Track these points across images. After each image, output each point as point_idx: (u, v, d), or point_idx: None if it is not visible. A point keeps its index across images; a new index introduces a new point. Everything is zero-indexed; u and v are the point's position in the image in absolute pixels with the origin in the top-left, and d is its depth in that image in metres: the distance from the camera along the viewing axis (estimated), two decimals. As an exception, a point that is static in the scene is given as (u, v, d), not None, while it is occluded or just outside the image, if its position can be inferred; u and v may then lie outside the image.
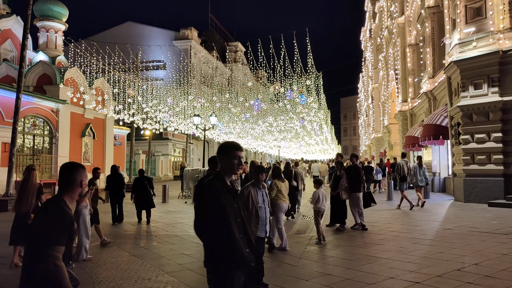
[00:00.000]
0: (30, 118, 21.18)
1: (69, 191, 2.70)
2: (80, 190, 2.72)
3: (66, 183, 2.70)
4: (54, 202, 2.62)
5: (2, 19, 25.46)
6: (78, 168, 2.76)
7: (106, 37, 43.82)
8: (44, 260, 2.37)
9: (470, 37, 14.51)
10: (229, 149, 3.00)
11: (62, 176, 2.73)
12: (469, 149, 14.79)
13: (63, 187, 2.71)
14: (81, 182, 2.71)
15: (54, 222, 2.49)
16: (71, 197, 2.70)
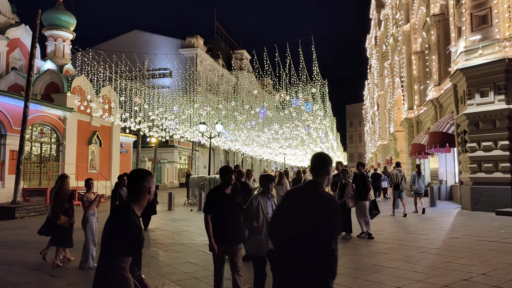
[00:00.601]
0: (37, 126, 21.37)
1: (138, 199, 2.70)
2: (149, 197, 2.72)
3: (134, 191, 2.70)
4: (124, 213, 2.63)
5: (11, 29, 25.82)
6: (146, 175, 2.75)
7: (113, 45, 44.27)
8: (112, 271, 2.43)
9: (476, 45, 14.50)
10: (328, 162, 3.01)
11: (131, 184, 2.72)
12: (476, 157, 14.71)
13: (131, 195, 2.71)
14: (149, 189, 2.71)
15: (122, 234, 2.51)
16: (140, 205, 2.71)
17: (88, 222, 7.55)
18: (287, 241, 2.77)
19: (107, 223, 2.62)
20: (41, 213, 16.70)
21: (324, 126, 31.61)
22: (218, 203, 5.05)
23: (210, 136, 23.85)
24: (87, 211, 7.61)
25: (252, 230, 5.15)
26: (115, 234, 2.53)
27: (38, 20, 17.86)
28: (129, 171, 3.34)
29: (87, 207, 7.61)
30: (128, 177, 2.78)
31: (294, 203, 2.89)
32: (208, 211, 5.05)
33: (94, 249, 7.51)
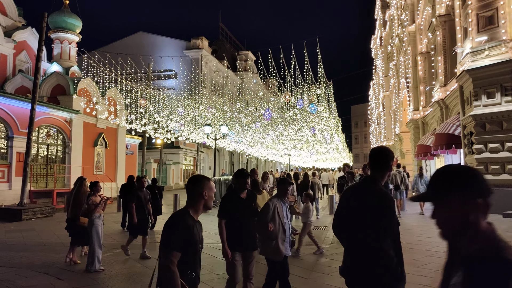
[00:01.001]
0: (44, 128, 21.51)
1: (193, 203, 2.90)
2: (204, 201, 2.89)
3: (190, 195, 2.91)
4: (178, 213, 2.89)
5: (18, 31, 25.98)
6: (201, 180, 2.93)
7: (119, 47, 44.48)
8: (163, 263, 2.71)
9: (482, 46, 14.42)
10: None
11: (188, 189, 2.94)
12: (483, 159, 14.62)
13: (188, 199, 2.93)
14: (202, 193, 2.87)
15: (172, 230, 2.77)
16: (195, 208, 2.90)
17: (94, 225, 7.57)
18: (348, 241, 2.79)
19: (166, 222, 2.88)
20: (48, 215, 16.81)
21: (329, 127, 31.54)
22: (233, 208, 4.89)
23: (215, 137, 23.88)
24: (93, 214, 7.64)
25: (267, 235, 4.98)
26: (167, 230, 2.79)
27: (44, 23, 17.98)
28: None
29: (92, 210, 7.64)
30: (187, 182, 3.02)
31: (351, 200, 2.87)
32: (222, 216, 4.90)
33: (100, 252, 7.54)
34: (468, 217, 1.47)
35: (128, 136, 29.03)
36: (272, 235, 4.96)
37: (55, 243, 10.61)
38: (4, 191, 18.60)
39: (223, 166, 50.51)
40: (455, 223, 1.49)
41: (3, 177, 18.84)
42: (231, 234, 4.81)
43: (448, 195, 1.50)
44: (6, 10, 26.63)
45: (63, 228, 13.23)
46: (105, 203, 8.05)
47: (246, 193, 5.05)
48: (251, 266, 5.01)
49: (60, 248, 9.94)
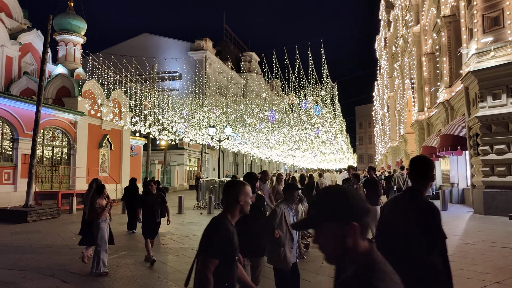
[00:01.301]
0: (49, 130, 21.60)
1: (229, 208, 2.86)
2: (240, 207, 2.84)
3: (227, 200, 2.87)
4: (219, 219, 2.83)
5: (23, 33, 26.14)
6: (237, 185, 2.88)
7: (123, 49, 44.66)
8: (200, 269, 2.67)
9: (488, 46, 14.34)
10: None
11: (224, 194, 2.91)
12: (489, 160, 14.53)
13: (225, 204, 2.90)
14: (239, 199, 2.82)
15: (213, 235, 2.72)
16: (232, 214, 2.85)
17: (100, 229, 7.56)
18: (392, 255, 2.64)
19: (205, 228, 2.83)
20: (53, 216, 16.86)
21: (333, 128, 31.47)
22: None
23: (220, 139, 23.90)
24: (99, 217, 7.63)
25: (275, 242, 4.79)
26: (206, 237, 2.74)
27: (49, 25, 18.06)
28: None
29: (99, 214, 7.63)
30: (224, 187, 2.96)
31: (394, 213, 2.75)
32: None
33: (105, 255, 7.54)
34: (345, 241, 1.48)
35: (132, 138, 29.11)
36: (280, 242, 4.78)
37: (61, 245, 10.64)
38: (10, 193, 18.69)
39: (227, 167, 50.53)
40: (335, 247, 1.52)
41: (8, 179, 18.93)
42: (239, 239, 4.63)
43: (323, 222, 1.52)
44: (12, 12, 26.80)
45: (69, 230, 13.32)
46: (111, 206, 8.05)
47: (254, 196, 4.79)
48: (257, 272, 4.88)
49: (65, 250, 9.97)
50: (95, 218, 7.66)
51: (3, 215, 16.13)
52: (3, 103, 18.53)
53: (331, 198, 1.56)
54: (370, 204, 6.03)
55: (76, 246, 10.40)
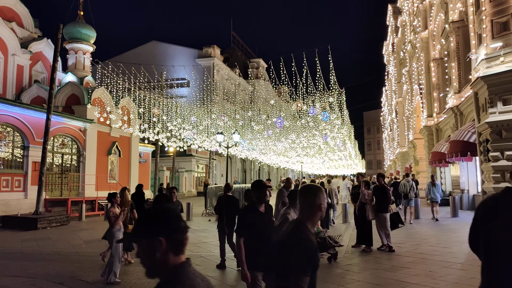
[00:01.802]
0: (59, 137, 21.81)
1: (310, 216, 2.60)
2: (320, 214, 2.62)
3: (307, 207, 2.61)
4: (300, 231, 2.54)
5: (34, 43, 26.51)
6: (318, 191, 2.65)
7: (132, 56, 45.06)
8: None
9: (497, 52, 14.23)
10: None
11: (303, 200, 2.64)
12: (499, 167, 14.35)
13: (304, 212, 2.63)
14: (319, 205, 2.60)
15: (300, 252, 2.43)
16: (313, 222, 2.63)
17: (115, 238, 7.53)
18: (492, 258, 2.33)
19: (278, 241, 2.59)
20: (63, 223, 16.98)
21: (342, 134, 31.35)
22: (254, 224, 4.42)
23: (228, 145, 23.94)
24: (114, 226, 7.60)
25: None
26: (291, 253, 2.44)
27: (59, 35, 18.32)
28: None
29: (114, 222, 7.60)
30: (300, 193, 2.68)
31: (492, 214, 2.41)
32: (242, 233, 4.40)
33: (118, 266, 7.48)
34: (156, 256, 1.64)
35: (141, 145, 29.27)
36: None
37: (70, 253, 10.70)
38: (20, 200, 18.87)
39: (235, 173, 50.56)
40: (150, 261, 1.66)
41: (19, 186, 19.13)
42: (252, 252, 4.30)
43: (140, 237, 1.69)
44: (23, 22, 27.23)
45: (78, 237, 13.40)
46: (124, 215, 8.02)
47: (264, 206, 4.66)
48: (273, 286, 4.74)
49: (75, 257, 10.02)
50: (109, 226, 7.65)
51: (13, 222, 16.28)
52: (14, 112, 18.77)
53: (147, 215, 1.76)
54: (379, 211, 5.90)
55: (86, 254, 10.47)
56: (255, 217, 4.47)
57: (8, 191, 18.50)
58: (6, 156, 18.77)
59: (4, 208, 17.66)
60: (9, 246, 12.01)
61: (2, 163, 18.53)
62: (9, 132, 18.95)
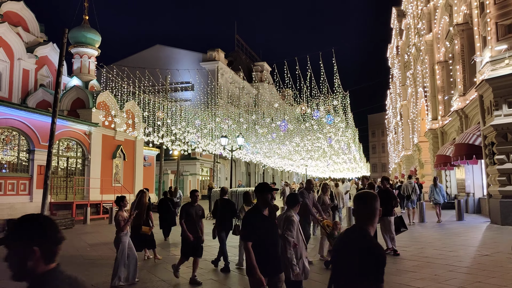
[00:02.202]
0: (64, 141, 21.92)
1: (371, 221, 2.63)
2: (377, 218, 2.66)
3: (368, 212, 2.63)
4: (369, 239, 2.54)
5: (40, 47, 26.69)
6: (375, 197, 2.70)
7: (137, 60, 45.30)
8: None
9: (502, 54, 14.17)
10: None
11: (362, 206, 2.66)
12: (505, 170, 14.26)
13: (363, 217, 2.64)
14: (378, 210, 2.64)
15: (374, 260, 2.42)
16: (373, 226, 2.66)
17: (121, 242, 7.46)
18: None
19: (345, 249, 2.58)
20: (67, 227, 17.03)
21: (346, 137, 31.30)
22: (259, 228, 4.30)
23: (232, 149, 23.95)
24: (122, 230, 7.52)
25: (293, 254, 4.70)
26: (365, 261, 2.41)
27: (65, 39, 18.40)
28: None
29: (123, 227, 7.51)
30: (359, 199, 2.71)
31: None
32: (249, 237, 4.23)
33: (123, 270, 7.44)
34: (26, 263, 1.71)
35: (145, 148, 29.37)
36: (298, 253, 4.70)
37: (75, 256, 10.72)
38: (26, 204, 18.96)
39: (239, 176, 50.54)
40: (19, 267, 1.73)
41: (24, 190, 19.23)
42: (258, 257, 4.19)
43: (10, 243, 1.75)
44: (29, 26, 27.44)
45: (83, 240, 13.43)
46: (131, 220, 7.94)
47: (268, 210, 4.59)
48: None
49: (79, 261, 10.04)
50: (117, 230, 7.58)
51: (19, 225, 16.34)
52: (19, 115, 18.90)
53: (22, 222, 1.79)
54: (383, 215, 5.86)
55: (90, 257, 10.49)
56: (260, 221, 4.37)
57: (14, 195, 18.60)
58: (11, 159, 18.89)
59: (9, 212, 17.75)
60: (15, 249, 12.06)
61: (8, 167, 18.64)
62: (15, 136, 19.07)
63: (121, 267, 7.39)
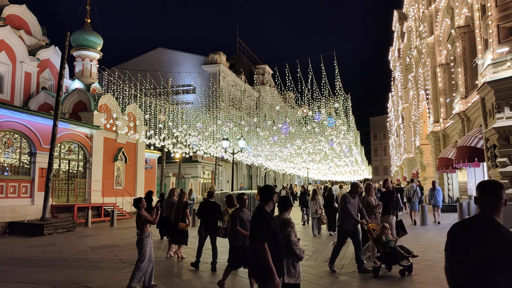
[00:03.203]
0: (65, 143, 21.95)
1: (498, 211, 2.61)
2: (502, 208, 2.63)
3: (492, 202, 2.62)
4: (500, 226, 2.50)
5: (42, 50, 26.78)
6: (502, 186, 2.68)
7: (139, 63, 45.42)
8: None
9: (504, 57, 14.13)
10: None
11: (490, 196, 2.64)
12: (507, 172, 14.20)
13: (490, 207, 2.61)
14: (505, 200, 2.62)
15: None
16: (499, 216, 2.63)
17: (144, 245, 7.26)
18: None
19: (468, 242, 2.53)
20: (69, 229, 17.03)
21: (347, 140, 31.27)
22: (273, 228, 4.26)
23: (233, 151, 23.95)
24: (144, 231, 7.34)
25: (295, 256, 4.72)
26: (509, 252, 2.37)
27: (67, 42, 18.50)
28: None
29: (144, 228, 7.33)
30: (487, 188, 2.70)
31: None
32: (266, 238, 4.08)
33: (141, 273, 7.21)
34: None
35: (147, 151, 29.38)
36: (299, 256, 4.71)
37: (76, 259, 10.71)
38: (27, 206, 18.97)
39: (241, 179, 50.52)
40: None
41: (26, 192, 19.23)
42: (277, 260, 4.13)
43: None
44: (31, 29, 27.56)
45: (84, 243, 13.43)
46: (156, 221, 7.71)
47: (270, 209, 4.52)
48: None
49: (80, 264, 10.03)
50: (139, 231, 7.39)
51: (20, 228, 16.38)
52: (21, 118, 18.94)
53: None
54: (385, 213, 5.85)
55: (91, 260, 10.48)
56: (271, 221, 4.32)
57: (15, 197, 18.61)
58: (13, 162, 18.91)
59: (11, 214, 17.76)
60: (15, 252, 12.07)
61: (10, 170, 18.66)
62: (17, 139, 19.10)
63: (141, 270, 7.17)
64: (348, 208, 8.26)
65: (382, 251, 8.00)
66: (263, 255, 4.01)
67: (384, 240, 8.04)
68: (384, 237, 8.09)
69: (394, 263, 7.93)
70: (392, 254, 7.82)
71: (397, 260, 7.82)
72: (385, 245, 8.00)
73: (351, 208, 8.34)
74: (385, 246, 7.98)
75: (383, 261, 8.09)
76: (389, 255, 7.87)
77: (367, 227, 8.50)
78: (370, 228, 8.42)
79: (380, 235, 8.14)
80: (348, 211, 8.26)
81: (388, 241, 8.03)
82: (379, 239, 8.09)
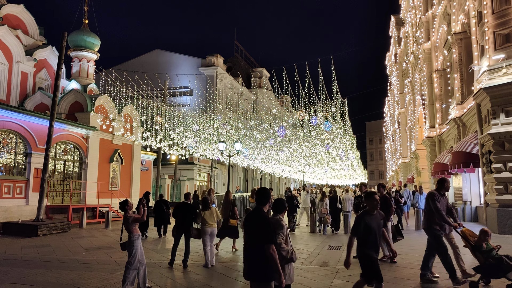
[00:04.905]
0: (61, 144, 21.86)
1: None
2: None
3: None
4: None
5: (39, 50, 26.70)
6: None
7: (136, 64, 45.37)
8: None
9: (500, 63, 14.26)
10: None
11: None
12: (502, 178, 14.29)
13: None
14: None
15: None
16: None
17: (134, 246, 7.16)
18: None
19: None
20: (63, 230, 16.93)
21: (344, 144, 31.34)
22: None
23: (230, 154, 23.93)
24: (133, 232, 7.22)
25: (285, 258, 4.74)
26: None
27: (64, 42, 18.46)
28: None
29: (133, 228, 7.22)
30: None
31: None
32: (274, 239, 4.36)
33: (132, 274, 7.12)
34: None
35: (143, 153, 29.31)
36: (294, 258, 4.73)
37: (70, 260, 10.65)
38: (21, 207, 18.86)
39: (237, 182, 50.46)
40: None
41: (20, 193, 19.12)
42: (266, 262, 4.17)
43: None
44: (28, 29, 27.48)
45: (78, 244, 13.36)
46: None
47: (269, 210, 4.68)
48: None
49: (74, 265, 9.98)
50: (128, 233, 7.25)
51: (14, 228, 16.26)
52: (17, 118, 18.85)
53: None
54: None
55: (85, 261, 10.42)
56: None
57: (10, 198, 18.49)
58: (8, 162, 18.80)
59: (5, 215, 17.65)
60: (9, 252, 11.98)
61: (4, 170, 18.56)
62: (12, 139, 19.01)
63: (132, 270, 7.07)
64: (437, 207, 7.09)
65: (483, 262, 6.72)
66: (273, 258, 4.05)
67: (485, 248, 6.80)
68: (485, 244, 6.83)
69: (499, 276, 6.53)
70: (498, 265, 6.46)
71: (503, 272, 6.43)
72: (487, 254, 6.71)
73: (441, 207, 7.15)
74: (488, 256, 6.68)
75: (484, 274, 6.81)
76: (493, 266, 6.54)
77: (462, 232, 7.19)
78: (466, 234, 7.16)
79: (480, 242, 6.87)
80: (439, 212, 7.09)
81: (491, 249, 6.75)
82: (479, 246, 6.83)
